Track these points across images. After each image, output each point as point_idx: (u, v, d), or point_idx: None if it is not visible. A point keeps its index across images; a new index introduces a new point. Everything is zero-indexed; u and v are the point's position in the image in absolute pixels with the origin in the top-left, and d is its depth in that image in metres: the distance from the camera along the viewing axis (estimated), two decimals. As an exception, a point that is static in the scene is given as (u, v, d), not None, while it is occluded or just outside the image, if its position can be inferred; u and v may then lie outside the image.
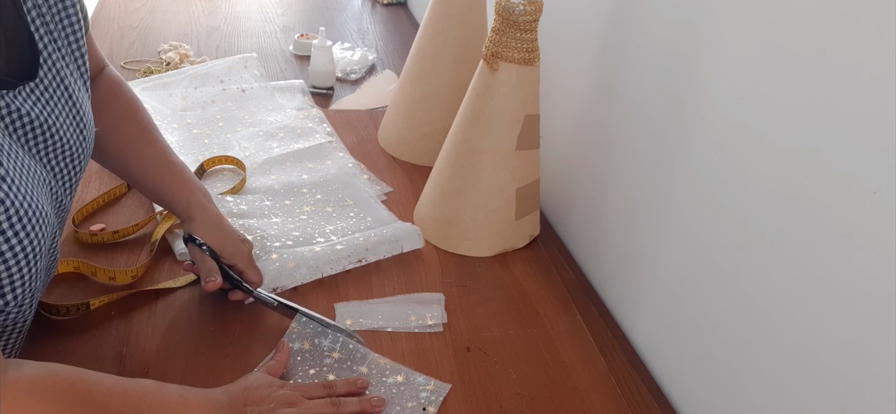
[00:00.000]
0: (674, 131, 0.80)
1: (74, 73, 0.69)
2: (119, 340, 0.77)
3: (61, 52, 0.67)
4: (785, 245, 0.64)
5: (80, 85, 0.70)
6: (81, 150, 0.69)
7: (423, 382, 0.76)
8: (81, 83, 0.70)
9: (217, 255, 0.81)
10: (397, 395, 0.74)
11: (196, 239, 0.81)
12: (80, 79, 0.70)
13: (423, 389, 0.75)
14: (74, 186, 0.70)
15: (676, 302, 0.81)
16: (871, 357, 0.56)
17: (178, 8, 1.81)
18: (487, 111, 0.93)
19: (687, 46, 0.77)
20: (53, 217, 0.64)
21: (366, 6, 2.02)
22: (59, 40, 0.67)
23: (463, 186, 0.97)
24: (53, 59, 0.66)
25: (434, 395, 0.74)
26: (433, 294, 0.90)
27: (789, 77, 0.63)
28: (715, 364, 0.74)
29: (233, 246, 0.83)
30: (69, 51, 0.69)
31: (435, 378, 0.77)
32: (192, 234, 0.82)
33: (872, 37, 0.54)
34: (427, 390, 0.75)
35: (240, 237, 0.85)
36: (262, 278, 0.84)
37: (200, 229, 0.82)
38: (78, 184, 0.71)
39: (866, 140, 0.55)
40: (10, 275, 0.57)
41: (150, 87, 1.31)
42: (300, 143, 1.19)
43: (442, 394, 0.75)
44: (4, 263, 0.56)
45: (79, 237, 0.91)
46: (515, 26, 0.89)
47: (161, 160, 0.84)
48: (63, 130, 0.65)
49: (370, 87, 1.48)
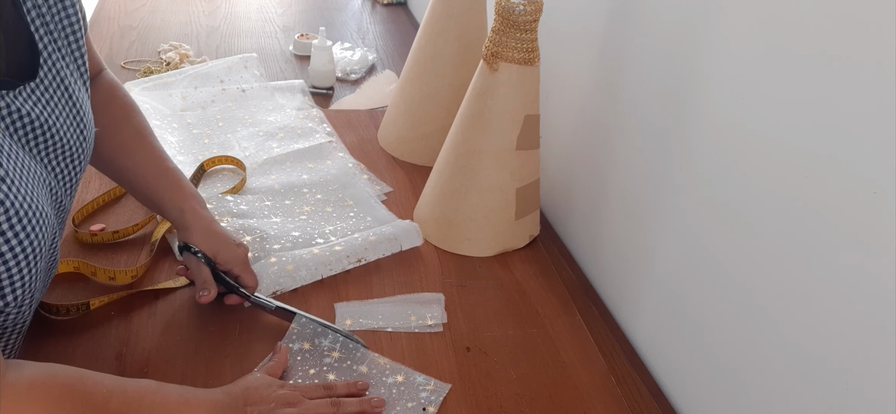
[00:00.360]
0: (674, 131, 0.80)
1: (74, 74, 0.69)
2: (119, 340, 0.77)
3: (61, 53, 0.67)
4: (785, 245, 0.64)
5: (80, 85, 0.70)
6: (81, 150, 0.69)
7: (423, 382, 0.76)
8: (81, 83, 0.70)
9: (212, 261, 0.81)
10: (397, 395, 0.74)
11: (191, 247, 0.81)
12: (79, 79, 0.70)
13: (423, 389, 0.75)
14: (74, 187, 0.70)
15: (676, 302, 0.81)
16: (872, 357, 0.56)
17: (178, 8, 1.81)
18: (487, 111, 0.93)
19: (687, 46, 0.77)
20: (53, 217, 0.64)
21: (366, 6, 2.03)
22: (59, 40, 0.67)
23: (463, 186, 0.97)
24: (53, 59, 0.66)
25: (434, 395, 0.74)
26: (433, 294, 0.90)
27: (789, 77, 0.63)
28: (715, 364, 0.74)
29: (228, 251, 0.82)
30: (69, 51, 0.68)
31: (435, 378, 0.77)
32: (187, 241, 0.81)
33: (872, 36, 0.54)
34: (427, 390, 0.75)
35: (235, 242, 0.84)
36: (257, 282, 0.84)
37: (194, 236, 0.81)
38: (78, 184, 0.71)
39: (866, 140, 0.55)
40: (10, 275, 0.57)
41: (150, 87, 1.31)
42: (300, 143, 1.19)
43: (442, 394, 0.75)
44: (4, 263, 0.56)
45: (79, 237, 0.91)
46: (515, 26, 0.89)
47: (156, 166, 0.84)
48: (63, 131, 0.65)
49: (370, 87, 1.48)
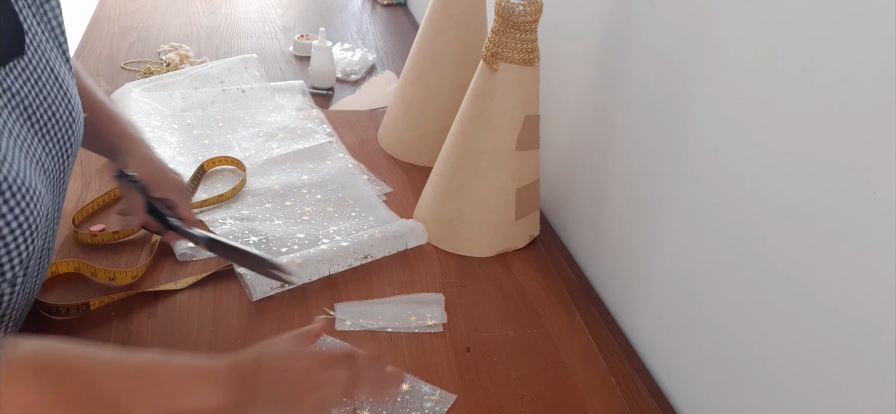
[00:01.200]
0: (674, 132, 0.80)
1: (57, 54, 0.69)
2: (119, 341, 0.77)
3: (45, 35, 0.67)
4: (785, 245, 0.64)
5: (63, 64, 0.69)
6: (71, 130, 0.68)
7: (428, 393, 0.75)
8: (64, 64, 0.70)
9: (147, 188, 0.77)
10: (401, 404, 0.73)
11: (126, 172, 0.76)
12: (62, 59, 0.69)
13: (429, 399, 0.74)
14: (67, 166, 0.69)
15: (676, 302, 0.81)
16: (872, 358, 0.56)
17: (178, 8, 1.81)
18: (487, 111, 0.93)
19: (687, 47, 0.77)
20: (47, 196, 0.63)
21: (366, 7, 2.03)
22: (41, 23, 0.67)
23: (463, 187, 0.97)
24: (38, 39, 0.65)
25: (439, 406, 0.74)
26: (433, 294, 0.90)
27: (789, 77, 0.63)
28: (715, 364, 0.74)
29: (164, 177, 0.79)
30: (50, 31, 0.68)
31: (441, 389, 0.76)
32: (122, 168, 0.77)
33: (872, 36, 0.54)
34: (432, 401, 0.74)
35: (173, 171, 0.81)
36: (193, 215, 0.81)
37: (131, 162, 0.78)
38: (71, 165, 0.70)
39: (866, 140, 0.55)
40: (7, 252, 0.56)
41: (150, 87, 1.31)
42: (300, 144, 1.19)
43: (447, 404, 0.74)
44: (2, 239, 0.56)
45: (79, 237, 0.91)
46: (515, 26, 0.89)
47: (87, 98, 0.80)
48: (53, 109, 0.65)
49: (370, 88, 1.48)
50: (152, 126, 1.19)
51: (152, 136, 1.15)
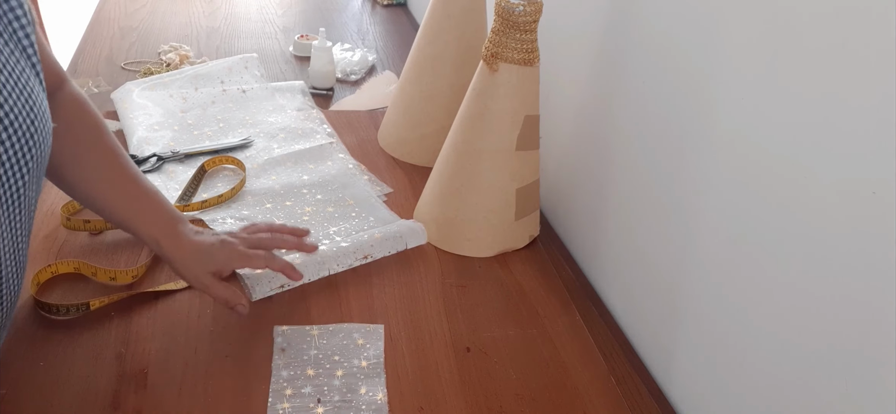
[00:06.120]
0: (674, 132, 0.80)
1: (22, 62, 0.63)
2: (119, 341, 0.77)
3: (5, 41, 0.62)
4: (785, 245, 0.64)
5: (30, 72, 0.64)
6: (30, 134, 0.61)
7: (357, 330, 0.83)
8: (33, 74, 0.65)
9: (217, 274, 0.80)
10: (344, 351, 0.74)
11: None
12: (31, 70, 0.64)
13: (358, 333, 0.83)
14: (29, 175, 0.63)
15: (676, 302, 0.81)
16: (872, 358, 0.56)
17: (178, 9, 1.81)
18: (487, 112, 0.93)
19: (687, 47, 0.77)
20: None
21: (366, 7, 2.03)
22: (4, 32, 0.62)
23: (463, 187, 0.97)
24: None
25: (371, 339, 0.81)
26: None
27: (789, 77, 0.63)
28: (715, 364, 0.74)
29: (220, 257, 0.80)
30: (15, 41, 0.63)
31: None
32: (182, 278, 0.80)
33: (872, 35, 0.54)
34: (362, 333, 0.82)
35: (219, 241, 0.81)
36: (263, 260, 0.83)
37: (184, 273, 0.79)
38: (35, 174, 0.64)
39: (865, 140, 0.55)
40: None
41: (150, 87, 1.31)
42: (301, 144, 1.19)
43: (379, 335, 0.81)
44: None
45: (72, 225, 0.91)
46: (515, 27, 0.89)
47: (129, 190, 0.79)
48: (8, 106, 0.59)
49: (370, 88, 1.48)
50: (152, 126, 1.19)
51: (152, 137, 1.16)
